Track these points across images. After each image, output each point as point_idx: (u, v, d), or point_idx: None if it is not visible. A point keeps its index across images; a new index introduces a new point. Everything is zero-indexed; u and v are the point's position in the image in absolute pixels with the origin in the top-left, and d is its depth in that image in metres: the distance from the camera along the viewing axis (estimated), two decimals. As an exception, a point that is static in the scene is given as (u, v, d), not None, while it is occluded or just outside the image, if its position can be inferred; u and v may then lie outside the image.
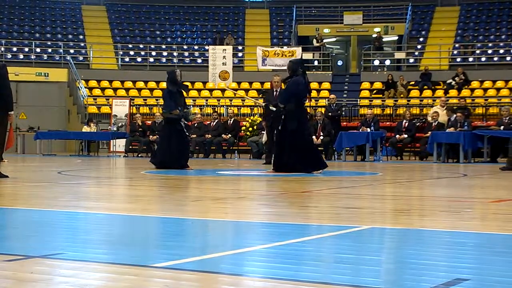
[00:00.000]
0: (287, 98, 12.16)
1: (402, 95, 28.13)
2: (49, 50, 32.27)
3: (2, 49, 31.24)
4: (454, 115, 19.20)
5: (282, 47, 30.99)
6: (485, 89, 28.32)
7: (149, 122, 23.96)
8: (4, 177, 10.11)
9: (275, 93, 15.35)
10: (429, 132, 19.14)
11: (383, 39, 33.53)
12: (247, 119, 23.85)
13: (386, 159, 20.02)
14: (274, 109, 12.59)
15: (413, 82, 29.14)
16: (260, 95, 29.51)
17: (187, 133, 14.00)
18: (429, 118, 20.81)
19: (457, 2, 34.39)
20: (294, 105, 12.02)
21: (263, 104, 16.59)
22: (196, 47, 33.62)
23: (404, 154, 21.09)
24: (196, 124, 22.72)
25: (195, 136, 22.24)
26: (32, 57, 31.33)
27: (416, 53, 32.50)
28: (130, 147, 23.53)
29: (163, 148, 13.67)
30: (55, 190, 8.50)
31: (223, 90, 30.12)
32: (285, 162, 12.00)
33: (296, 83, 12.12)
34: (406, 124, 20.55)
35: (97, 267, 3.29)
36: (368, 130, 19.48)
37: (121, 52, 32.66)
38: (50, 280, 2.96)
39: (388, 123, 24.03)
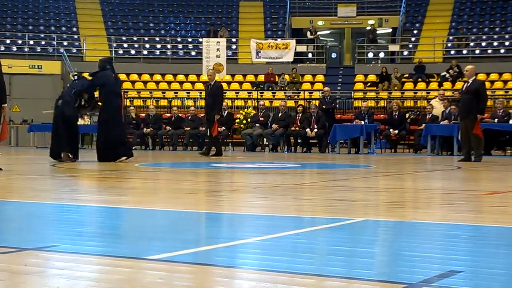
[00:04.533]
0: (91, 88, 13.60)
1: (396, 88, 28.16)
2: (43, 42, 32.17)
3: (-5, 41, 31.19)
4: (449, 108, 19.21)
5: (276, 40, 30.97)
6: (479, 82, 28.31)
7: (143, 114, 23.93)
8: (-3, 169, 10.08)
9: (209, 87, 16.21)
10: (423, 125, 19.13)
11: (377, 32, 33.53)
12: (241, 111, 23.83)
13: (380, 151, 20.03)
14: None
15: (407, 75, 29.17)
16: (254, 88, 29.52)
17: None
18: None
19: (451, -5, 34.42)
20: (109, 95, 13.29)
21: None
22: (190, 40, 33.56)
23: (398, 146, 21.12)
24: (190, 117, 22.70)
25: (189, 128, 22.22)
26: (26, 50, 31.23)
27: (410, 46, 32.51)
28: (124, 139, 23.43)
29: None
30: (49, 183, 8.49)
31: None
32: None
33: (104, 76, 13.37)
34: (396, 116, 20.45)
35: (91, 260, 3.29)
36: (362, 122, 19.47)
37: (114, 45, 32.56)
38: (44, 272, 2.96)
39: (382, 115, 24.01)
